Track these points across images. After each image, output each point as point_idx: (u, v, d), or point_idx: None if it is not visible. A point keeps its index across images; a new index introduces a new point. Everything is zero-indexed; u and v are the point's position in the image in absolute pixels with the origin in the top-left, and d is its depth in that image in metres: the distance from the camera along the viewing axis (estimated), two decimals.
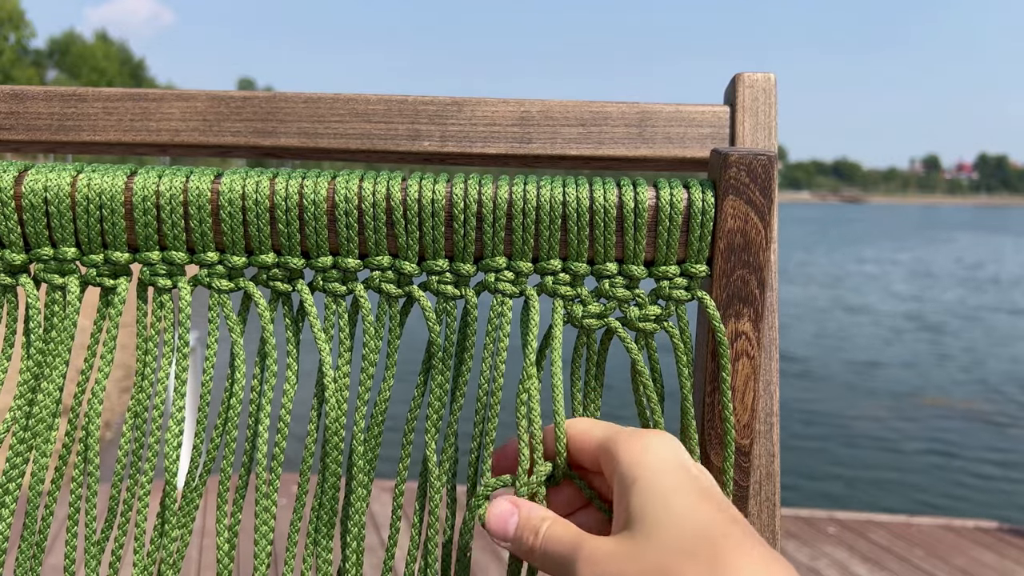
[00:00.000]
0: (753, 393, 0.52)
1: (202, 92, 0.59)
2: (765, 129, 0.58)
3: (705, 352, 0.52)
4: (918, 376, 9.01)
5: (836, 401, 7.76)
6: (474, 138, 0.59)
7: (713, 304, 0.50)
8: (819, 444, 6.38)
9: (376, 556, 3.11)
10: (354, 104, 0.59)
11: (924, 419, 7.29)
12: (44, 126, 0.58)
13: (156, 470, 0.52)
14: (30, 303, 0.51)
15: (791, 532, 3.74)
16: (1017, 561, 3.54)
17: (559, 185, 0.51)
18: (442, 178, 0.51)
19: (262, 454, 0.52)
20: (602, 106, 0.59)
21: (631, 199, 0.50)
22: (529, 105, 0.59)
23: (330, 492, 0.53)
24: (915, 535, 3.79)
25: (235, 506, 0.53)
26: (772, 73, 0.59)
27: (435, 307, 0.52)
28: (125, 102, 0.58)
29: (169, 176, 0.50)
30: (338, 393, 0.52)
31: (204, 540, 3.25)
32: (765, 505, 0.55)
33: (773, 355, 0.56)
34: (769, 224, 0.50)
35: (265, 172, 0.51)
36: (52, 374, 0.51)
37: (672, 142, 0.59)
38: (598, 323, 0.52)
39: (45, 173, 0.50)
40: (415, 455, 0.54)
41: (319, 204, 0.50)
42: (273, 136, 0.59)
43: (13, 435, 0.51)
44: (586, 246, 0.51)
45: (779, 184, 0.51)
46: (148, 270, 0.51)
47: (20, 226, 0.50)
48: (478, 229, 0.51)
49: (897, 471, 5.93)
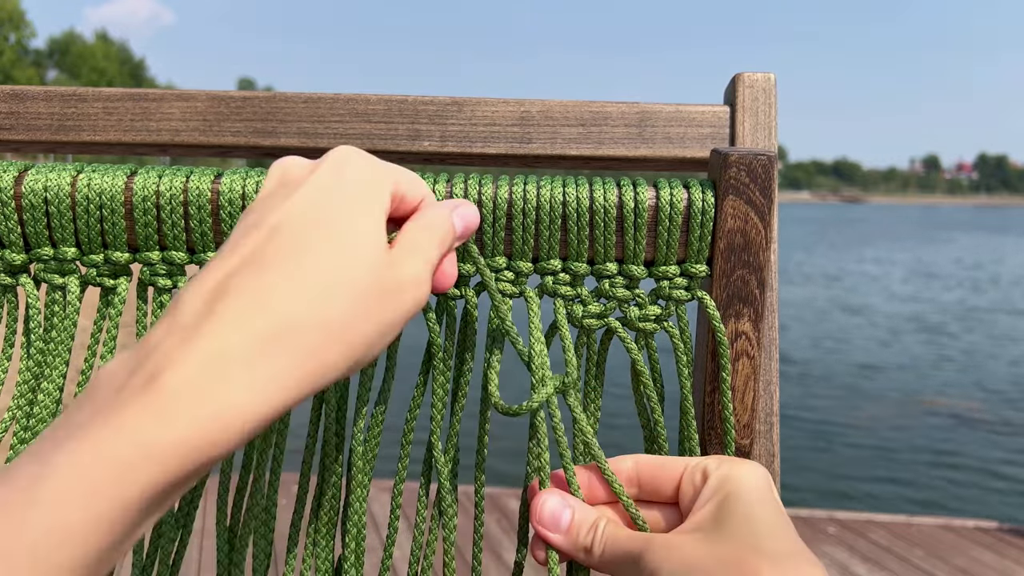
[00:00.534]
0: (753, 393, 0.52)
1: (202, 92, 0.59)
2: (765, 129, 0.58)
3: (705, 352, 0.52)
4: (918, 377, 9.01)
5: (836, 402, 7.76)
6: (474, 138, 0.59)
7: (713, 304, 0.50)
8: (819, 445, 6.38)
9: (376, 556, 3.11)
10: (354, 104, 0.59)
11: (923, 420, 7.30)
12: (44, 126, 0.58)
13: None
14: (30, 303, 0.51)
15: None
16: (1017, 561, 3.54)
17: (559, 185, 0.51)
18: (442, 178, 0.51)
19: (262, 454, 0.52)
20: (602, 106, 0.59)
21: (631, 199, 0.50)
22: (529, 105, 0.59)
23: (330, 492, 0.53)
24: (915, 535, 3.79)
25: (235, 506, 0.53)
26: (772, 73, 0.59)
27: (435, 307, 0.52)
28: (125, 102, 0.58)
29: (169, 176, 0.50)
30: (338, 393, 0.52)
31: (204, 540, 3.25)
32: None
33: (773, 355, 0.56)
34: (769, 224, 0.50)
35: (265, 172, 0.51)
36: (52, 374, 0.51)
37: (672, 142, 0.59)
38: (598, 323, 0.52)
39: (45, 173, 0.50)
40: (415, 455, 0.54)
41: None
42: (273, 136, 0.59)
43: (13, 435, 0.51)
44: (586, 246, 0.51)
45: (779, 184, 0.51)
46: (148, 270, 0.51)
47: (20, 226, 0.50)
48: (478, 229, 0.51)
49: (896, 472, 5.93)
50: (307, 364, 0.35)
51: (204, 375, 0.33)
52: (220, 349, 0.33)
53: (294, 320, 0.35)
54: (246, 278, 0.36)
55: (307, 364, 0.35)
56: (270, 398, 0.34)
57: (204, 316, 0.35)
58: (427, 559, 0.54)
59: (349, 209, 0.39)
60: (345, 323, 0.37)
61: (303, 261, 0.37)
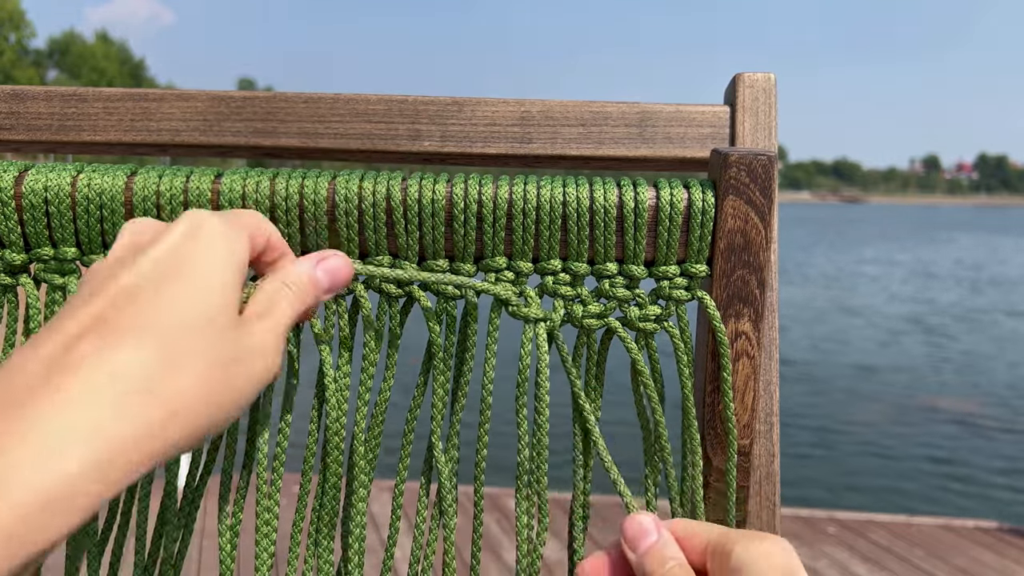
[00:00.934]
0: (753, 393, 0.52)
1: (202, 92, 0.59)
2: (765, 129, 0.58)
3: (705, 352, 0.52)
4: (917, 378, 9.01)
5: (835, 403, 7.76)
6: (474, 138, 0.59)
7: (713, 304, 0.50)
8: (818, 446, 6.38)
9: (376, 556, 3.11)
10: (354, 104, 0.59)
11: (923, 421, 7.30)
12: (44, 126, 0.58)
13: (156, 470, 0.52)
14: (30, 303, 0.51)
15: (791, 532, 3.74)
16: (1017, 561, 3.54)
17: (559, 185, 0.51)
18: (442, 178, 0.51)
19: (263, 454, 0.52)
20: (602, 106, 0.59)
21: (631, 199, 0.50)
22: (529, 105, 0.59)
23: (331, 492, 0.53)
24: (915, 535, 3.79)
25: (236, 507, 0.53)
26: (772, 73, 0.59)
27: (435, 307, 0.52)
28: (125, 102, 0.58)
29: (169, 176, 0.50)
30: (338, 393, 0.52)
31: (204, 541, 3.25)
32: (765, 505, 0.55)
33: (773, 355, 0.56)
34: (769, 224, 0.50)
35: (265, 172, 0.51)
36: None
37: (672, 142, 0.59)
38: (598, 323, 0.52)
39: (45, 173, 0.50)
40: (415, 455, 0.54)
41: (319, 204, 0.50)
42: (273, 136, 0.59)
43: None
44: (586, 246, 0.51)
45: (779, 184, 0.51)
46: None
47: (20, 226, 0.50)
48: (478, 229, 0.51)
49: (896, 472, 5.93)
50: (150, 443, 0.33)
51: (39, 453, 0.30)
52: (59, 427, 0.31)
53: (138, 397, 0.33)
54: (91, 345, 0.34)
55: (150, 443, 0.33)
56: (106, 476, 0.32)
57: (42, 387, 0.32)
58: (427, 559, 0.54)
59: (199, 272, 0.38)
60: (189, 399, 0.35)
61: (149, 331, 0.35)
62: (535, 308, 0.51)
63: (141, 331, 0.35)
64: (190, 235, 0.39)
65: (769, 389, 0.56)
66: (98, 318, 0.35)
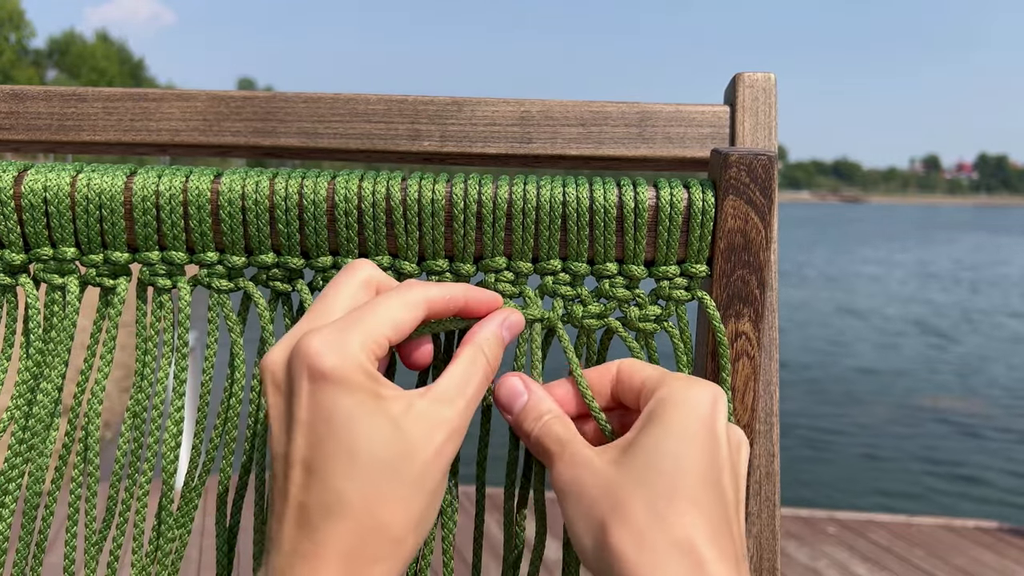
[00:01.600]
0: (753, 393, 0.52)
1: (202, 92, 0.59)
2: (765, 129, 0.58)
3: (705, 352, 0.52)
4: (917, 378, 9.00)
5: (835, 403, 7.76)
6: (474, 138, 0.59)
7: (713, 304, 0.50)
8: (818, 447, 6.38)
9: None
10: (354, 104, 0.59)
11: (923, 421, 7.29)
12: (44, 126, 0.58)
13: (155, 470, 0.52)
14: (30, 303, 0.51)
15: (791, 532, 3.74)
16: (1017, 561, 3.54)
17: (559, 185, 0.51)
18: (442, 178, 0.51)
19: (262, 454, 0.52)
20: (602, 106, 0.59)
21: (631, 199, 0.50)
22: (529, 105, 0.59)
23: None
24: (915, 535, 3.79)
25: (235, 506, 0.53)
26: (772, 73, 0.59)
27: None
28: (125, 102, 0.58)
29: (169, 176, 0.50)
30: None
31: (204, 540, 3.25)
32: (765, 505, 0.55)
33: (773, 355, 0.56)
34: (769, 224, 0.50)
35: (265, 172, 0.51)
36: (51, 374, 0.51)
37: (672, 142, 0.59)
38: (598, 323, 0.52)
39: (45, 173, 0.50)
40: None
41: (319, 204, 0.50)
42: (273, 136, 0.59)
43: (12, 435, 0.51)
44: (586, 246, 0.51)
45: (779, 184, 0.51)
46: (148, 270, 0.51)
47: (20, 226, 0.50)
48: (478, 229, 0.51)
49: (896, 472, 5.93)
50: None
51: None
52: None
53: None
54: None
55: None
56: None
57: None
58: (426, 559, 0.54)
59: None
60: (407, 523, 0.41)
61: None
62: (534, 308, 0.51)
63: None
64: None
65: (769, 389, 0.56)
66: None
